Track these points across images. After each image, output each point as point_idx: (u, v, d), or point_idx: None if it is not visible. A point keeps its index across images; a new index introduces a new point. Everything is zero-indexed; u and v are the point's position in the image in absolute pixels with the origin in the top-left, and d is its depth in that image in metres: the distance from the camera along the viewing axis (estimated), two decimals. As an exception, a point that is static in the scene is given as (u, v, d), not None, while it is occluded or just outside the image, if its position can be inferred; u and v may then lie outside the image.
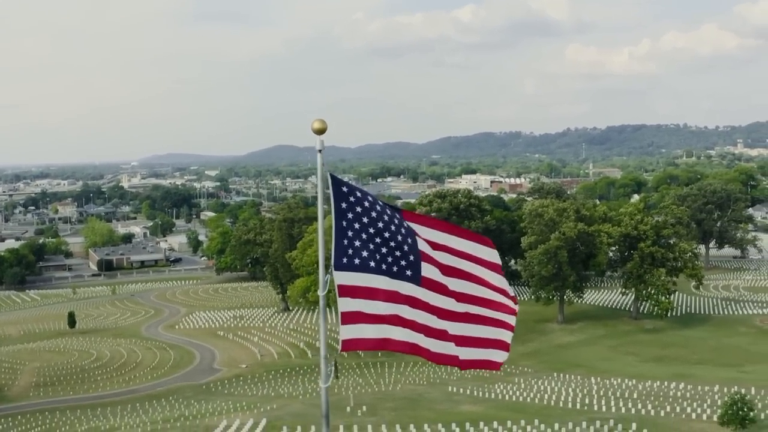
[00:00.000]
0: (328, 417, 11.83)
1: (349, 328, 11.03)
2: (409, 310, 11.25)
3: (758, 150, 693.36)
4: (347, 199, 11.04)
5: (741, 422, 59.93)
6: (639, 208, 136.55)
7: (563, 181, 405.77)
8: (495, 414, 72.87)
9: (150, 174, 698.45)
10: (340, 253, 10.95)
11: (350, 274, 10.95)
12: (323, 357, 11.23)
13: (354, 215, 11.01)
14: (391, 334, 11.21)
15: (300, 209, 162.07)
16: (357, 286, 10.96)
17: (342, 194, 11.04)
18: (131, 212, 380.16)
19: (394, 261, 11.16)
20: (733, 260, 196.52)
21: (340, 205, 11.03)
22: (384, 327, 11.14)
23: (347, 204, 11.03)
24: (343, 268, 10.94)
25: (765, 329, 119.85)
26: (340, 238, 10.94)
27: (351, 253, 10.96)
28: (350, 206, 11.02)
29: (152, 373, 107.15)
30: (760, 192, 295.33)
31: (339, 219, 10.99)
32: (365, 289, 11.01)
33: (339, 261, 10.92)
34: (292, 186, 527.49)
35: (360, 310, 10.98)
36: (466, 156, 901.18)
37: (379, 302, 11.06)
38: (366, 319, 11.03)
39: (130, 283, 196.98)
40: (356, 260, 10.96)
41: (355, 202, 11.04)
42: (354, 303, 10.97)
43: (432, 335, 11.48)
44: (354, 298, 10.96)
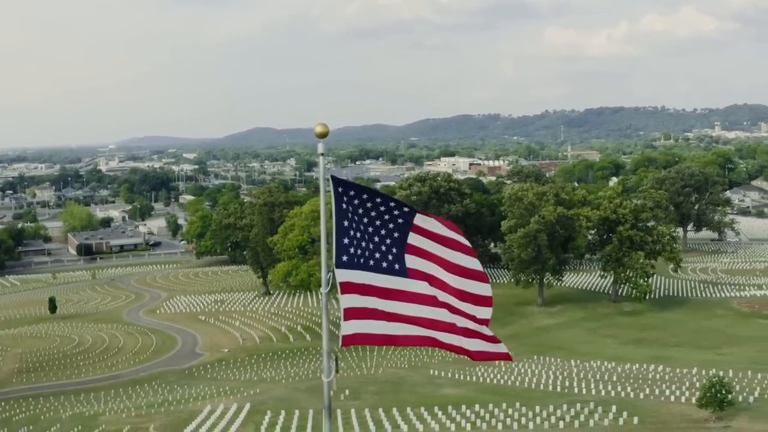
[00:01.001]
0: (330, 408, 12.18)
1: (350, 324, 11.38)
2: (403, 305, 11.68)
3: (735, 132, 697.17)
4: (348, 199, 11.33)
5: (719, 405, 60.64)
6: (618, 192, 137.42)
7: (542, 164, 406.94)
8: (477, 397, 73.43)
9: (128, 157, 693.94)
10: (340, 251, 11.25)
11: (351, 272, 11.29)
12: (326, 352, 11.58)
13: (354, 214, 11.32)
14: (389, 329, 11.64)
15: (280, 193, 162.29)
16: (357, 283, 11.32)
17: (342, 194, 11.31)
18: (109, 196, 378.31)
19: (389, 257, 11.55)
20: (710, 243, 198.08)
21: (341, 204, 11.31)
22: (382, 323, 11.55)
23: (348, 203, 11.31)
24: (344, 266, 11.27)
25: (743, 312, 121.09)
26: (340, 237, 11.24)
27: (352, 252, 11.29)
28: (350, 205, 11.31)
29: (134, 358, 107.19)
30: (737, 175, 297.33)
31: (340, 218, 11.28)
32: (365, 286, 11.38)
33: (340, 259, 11.24)
34: (270, 169, 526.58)
35: (360, 306, 11.36)
36: (445, 138, 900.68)
37: (378, 298, 11.46)
38: (366, 315, 11.42)
39: (109, 268, 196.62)
40: (356, 258, 11.31)
41: (356, 201, 11.35)
42: (354, 299, 11.33)
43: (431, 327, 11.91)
44: (354, 295, 11.33)
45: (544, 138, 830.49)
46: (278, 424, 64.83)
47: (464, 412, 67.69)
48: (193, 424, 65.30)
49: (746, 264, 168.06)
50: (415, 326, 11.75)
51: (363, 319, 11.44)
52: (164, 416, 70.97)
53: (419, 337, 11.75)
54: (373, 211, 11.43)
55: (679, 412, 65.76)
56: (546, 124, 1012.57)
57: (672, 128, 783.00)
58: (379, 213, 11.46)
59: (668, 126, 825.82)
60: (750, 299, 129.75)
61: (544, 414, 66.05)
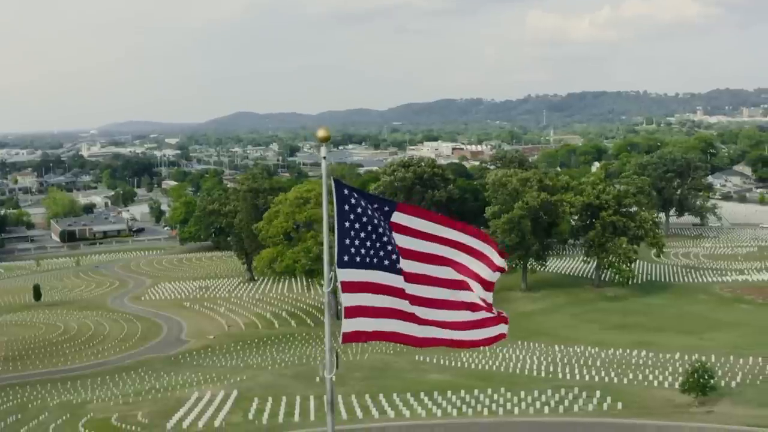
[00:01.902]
0: (333, 404, 12.62)
1: (351, 321, 11.85)
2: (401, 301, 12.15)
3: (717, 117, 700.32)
4: (349, 202, 11.75)
5: (702, 390, 61.50)
6: (601, 178, 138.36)
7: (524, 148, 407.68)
8: (462, 382, 74.05)
9: (109, 142, 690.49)
10: (342, 251, 11.71)
11: (352, 271, 11.77)
12: (328, 349, 12.02)
13: (355, 216, 11.75)
14: (388, 326, 12.12)
15: (264, 179, 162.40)
16: (358, 281, 11.81)
17: (344, 197, 11.75)
18: (92, 182, 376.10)
19: (387, 256, 11.99)
20: (692, 228, 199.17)
21: (343, 207, 11.74)
22: (381, 320, 12.04)
23: (349, 206, 11.75)
24: (345, 266, 11.74)
25: (725, 297, 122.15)
26: (342, 238, 11.70)
27: (353, 252, 11.75)
28: (351, 208, 11.74)
29: (120, 345, 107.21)
30: (719, 160, 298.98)
31: (341, 220, 11.72)
32: (365, 284, 11.87)
33: (341, 259, 11.71)
34: (253, 154, 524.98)
35: (360, 304, 11.85)
36: (428, 123, 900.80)
37: (377, 296, 11.94)
38: (366, 312, 11.90)
39: (93, 254, 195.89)
40: (357, 258, 11.77)
41: (356, 204, 11.78)
42: (355, 298, 11.82)
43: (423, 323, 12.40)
44: (355, 293, 11.81)
45: (526, 122, 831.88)
46: (266, 410, 65.32)
47: (450, 397, 68.33)
48: (181, 411, 65.69)
49: (728, 249, 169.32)
50: (412, 324, 12.28)
51: (363, 317, 11.90)
52: (152, 403, 71.29)
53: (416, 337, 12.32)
54: (372, 212, 11.85)
55: (663, 397, 66.61)
56: (528, 109, 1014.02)
57: (654, 113, 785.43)
58: (378, 215, 11.89)
59: (650, 111, 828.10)
60: (732, 284, 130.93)
61: (529, 399, 66.75)
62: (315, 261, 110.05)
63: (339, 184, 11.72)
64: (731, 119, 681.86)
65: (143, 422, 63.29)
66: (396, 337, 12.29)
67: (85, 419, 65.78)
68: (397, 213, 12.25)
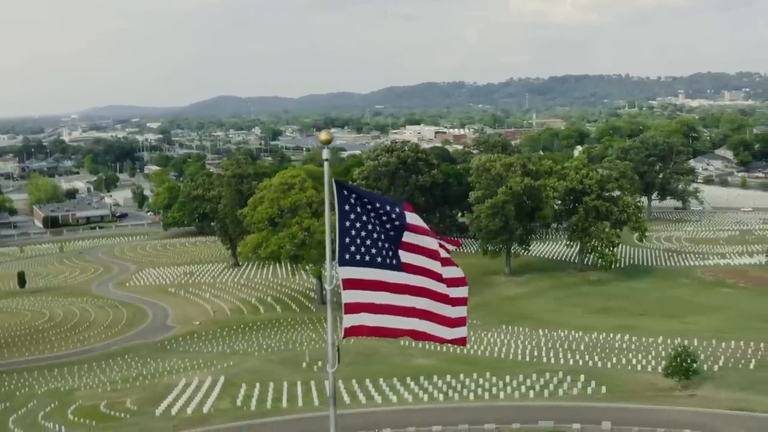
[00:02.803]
0: (335, 398, 13.07)
1: (351, 317, 12.36)
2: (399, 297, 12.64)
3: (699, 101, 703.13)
4: (349, 201, 12.20)
5: (685, 374, 62.27)
6: (584, 163, 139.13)
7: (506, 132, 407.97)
8: (448, 367, 74.63)
9: (91, 127, 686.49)
10: (343, 250, 12.19)
11: (352, 269, 12.27)
12: (330, 344, 12.53)
13: (355, 215, 12.21)
14: (387, 322, 12.64)
15: (249, 165, 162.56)
16: (358, 279, 12.31)
17: (345, 197, 12.20)
18: (73, 167, 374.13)
19: (386, 252, 12.46)
20: (674, 212, 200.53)
21: (344, 207, 12.19)
22: (380, 316, 12.55)
23: (350, 206, 12.20)
24: (347, 264, 12.24)
25: (707, 281, 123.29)
26: (343, 237, 12.17)
27: (353, 250, 12.23)
28: (352, 208, 12.20)
29: (106, 332, 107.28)
30: (701, 144, 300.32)
31: (342, 219, 12.18)
32: (365, 281, 12.38)
33: (342, 257, 12.20)
34: (235, 138, 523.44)
35: (360, 301, 12.37)
36: (410, 106, 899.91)
37: (376, 292, 12.45)
38: (365, 308, 12.42)
39: (77, 240, 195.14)
40: (357, 256, 12.26)
41: (356, 204, 12.24)
42: (355, 294, 12.33)
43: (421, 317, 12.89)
44: (355, 290, 12.32)
45: (509, 106, 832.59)
46: (254, 396, 65.75)
47: (436, 382, 68.98)
48: (169, 398, 66.03)
49: (710, 233, 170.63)
50: (409, 318, 12.76)
51: (363, 312, 12.41)
52: (140, 390, 71.66)
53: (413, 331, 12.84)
54: (372, 212, 12.32)
55: (646, 381, 67.40)
56: (511, 92, 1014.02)
57: (636, 96, 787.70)
58: (377, 214, 12.38)
59: (632, 94, 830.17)
60: (714, 268, 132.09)
61: (514, 383, 67.46)
62: (300, 247, 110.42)
63: (340, 185, 12.16)
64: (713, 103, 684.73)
65: (132, 409, 63.66)
66: (395, 332, 12.78)
67: (74, 406, 66.09)
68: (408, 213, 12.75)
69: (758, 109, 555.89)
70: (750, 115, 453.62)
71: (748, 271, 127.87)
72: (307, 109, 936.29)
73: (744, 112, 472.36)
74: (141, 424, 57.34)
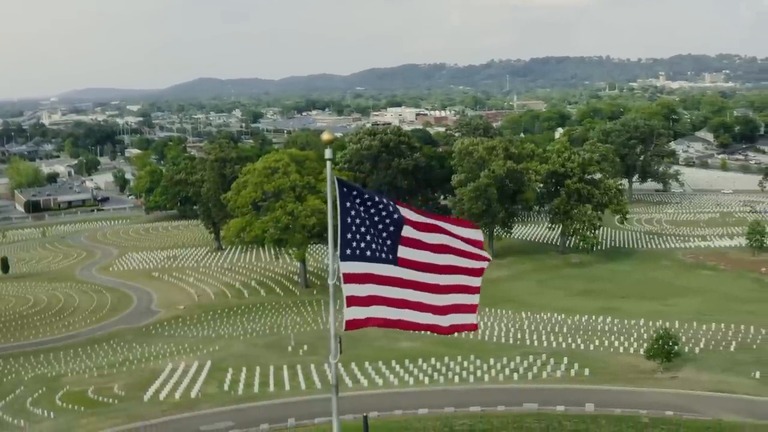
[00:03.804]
0: (337, 387, 13.61)
1: (352, 310, 12.89)
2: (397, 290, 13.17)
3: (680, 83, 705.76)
4: (351, 199, 12.72)
5: (667, 356, 63.17)
6: (566, 146, 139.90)
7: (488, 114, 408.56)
8: (432, 350, 75.24)
9: (70, 110, 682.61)
10: (345, 245, 12.72)
11: (353, 264, 12.80)
12: (333, 336, 13.04)
13: (356, 212, 12.73)
14: (386, 313, 13.18)
15: (231, 149, 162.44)
16: (358, 273, 12.85)
17: (346, 194, 12.72)
18: (54, 151, 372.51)
19: (384, 248, 12.98)
20: (655, 194, 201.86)
21: (345, 204, 12.71)
22: (380, 308, 13.09)
23: (351, 203, 12.71)
24: (348, 259, 12.77)
25: (687, 263, 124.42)
26: (345, 233, 12.71)
27: (354, 245, 12.77)
28: (353, 205, 12.72)
29: (91, 317, 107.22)
30: (681, 126, 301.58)
31: (344, 216, 12.70)
32: (365, 275, 12.93)
33: (344, 252, 12.73)
34: (216, 120, 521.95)
35: (360, 294, 12.93)
36: (391, 88, 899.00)
37: (376, 286, 12.97)
38: (366, 301, 12.95)
39: (59, 225, 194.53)
40: (358, 251, 12.80)
41: (357, 201, 12.76)
42: (356, 288, 12.87)
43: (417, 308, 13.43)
44: (356, 284, 12.85)
45: (489, 88, 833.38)
46: (240, 381, 66.20)
47: (421, 365, 69.69)
48: (157, 383, 66.41)
49: (690, 215, 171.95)
50: (407, 309, 13.31)
51: (363, 305, 12.94)
52: (127, 375, 71.95)
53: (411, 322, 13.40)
54: (372, 209, 12.83)
55: (628, 363, 68.31)
56: (491, 74, 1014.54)
57: (617, 78, 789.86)
58: (377, 210, 12.88)
59: (613, 76, 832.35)
60: (694, 250, 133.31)
61: (498, 366, 68.22)
62: (284, 231, 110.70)
63: (341, 183, 12.67)
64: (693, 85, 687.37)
65: (120, 394, 63.99)
66: (393, 323, 13.32)
67: (62, 392, 66.37)
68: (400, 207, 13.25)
69: (738, 92, 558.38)
70: (730, 97, 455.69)
71: (729, 253, 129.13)
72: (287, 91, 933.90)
73: (724, 95, 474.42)
74: (130, 410, 57.67)
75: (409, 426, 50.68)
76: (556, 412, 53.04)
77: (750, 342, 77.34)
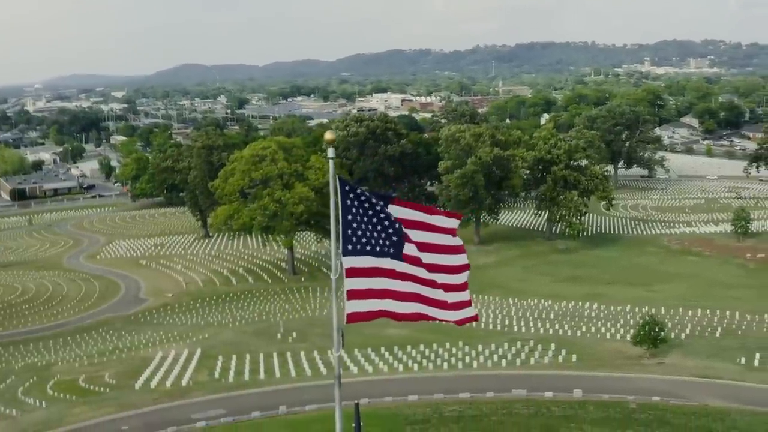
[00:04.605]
0: (340, 379, 14.05)
1: (353, 303, 13.35)
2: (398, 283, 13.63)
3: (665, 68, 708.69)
4: (352, 197, 13.17)
5: (653, 342, 63.81)
6: (552, 132, 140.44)
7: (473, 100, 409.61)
8: (421, 337, 75.52)
9: (55, 96, 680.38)
10: (347, 241, 13.20)
11: (355, 258, 13.27)
12: (336, 329, 13.50)
13: (357, 209, 13.20)
14: (386, 306, 13.66)
15: (218, 136, 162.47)
16: (359, 267, 13.34)
17: (348, 192, 13.20)
18: (39, 138, 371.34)
19: (385, 243, 13.42)
20: (640, 180, 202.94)
21: (347, 201, 13.19)
22: (380, 301, 13.55)
23: (351, 201, 13.19)
24: (350, 254, 13.24)
25: (673, 249, 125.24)
26: (346, 229, 13.20)
27: (355, 241, 13.25)
28: (354, 202, 13.17)
29: (79, 305, 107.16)
30: (666, 112, 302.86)
31: (346, 213, 13.19)
32: (366, 269, 13.42)
33: (346, 248, 13.21)
34: (201, 107, 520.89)
35: (361, 288, 13.41)
36: (376, 74, 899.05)
37: (376, 279, 13.48)
38: (366, 295, 13.46)
39: (45, 213, 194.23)
40: (359, 246, 13.29)
41: (358, 199, 13.25)
42: (357, 282, 13.36)
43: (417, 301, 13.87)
44: (357, 278, 13.33)
45: (475, 73, 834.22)
46: (231, 369, 66.46)
47: (410, 352, 70.15)
48: (147, 371, 66.60)
49: (675, 201, 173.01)
50: (406, 302, 13.77)
51: (364, 299, 13.39)
52: (117, 364, 72.12)
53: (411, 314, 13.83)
54: (371, 205, 13.24)
55: (615, 350, 68.97)
56: (477, 59, 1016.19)
57: (602, 64, 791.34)
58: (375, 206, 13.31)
59: (598, 61, 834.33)
60: (680, 236, 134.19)
61: (486, 353, 68.71)
62: (272, 218, 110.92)
63: (343, 181, 13.16)
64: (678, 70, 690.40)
65: (111, 383, 64.15)
66: (395, 316, 13.79)
67: (53, 381, 66.43)
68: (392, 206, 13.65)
69: (723, 77, 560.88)
70: (715, 83, 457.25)
71: (714, 239, 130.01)
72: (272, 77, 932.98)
73: (709, 80, 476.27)
74: (121, 398, 57.87)
75: (400, 412, 51.12)
76: (545, 398, 53.52)
77: (735, 328, 78.15)
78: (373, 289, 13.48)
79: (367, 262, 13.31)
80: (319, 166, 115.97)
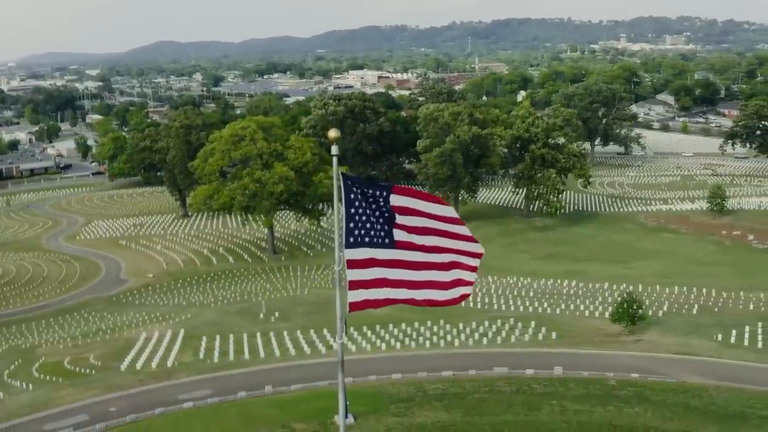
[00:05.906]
0: (343, 365, 14.77)
1: (355, 293, 14.05)
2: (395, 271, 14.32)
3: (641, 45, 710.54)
4: (353, 191, 13.86)
5: (631, 319, 64.93)
6: (530, 111, 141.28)
7: (450, 77, 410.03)
8: (402, 315, 75.96)
9: (29, 75, 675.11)
10: (348, 234, 13.88)
11: (355, 250, 13.96)
12: (339, 317, 14.21)
13: (358, 203, 13.89)
14: (385, 293, 14.40)
15: (197, 116, 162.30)
16: (360, 259, 14.05)
17: (349, 187, 13.88)
18: (13, 117, 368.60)
19: (380, 234, 14.12)
20: (617, 157, 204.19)
21: (349, 195, 13.88)
22: (380, 290, 14.27)
23: (353, 195, 13.86)
24: (351, 246, 13.93)
25: (649, 226, 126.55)
26: (348, 222, 13.91)
27: (356, 233, 13.97)
28: (355, 196, 13.85)
29: (60, 287, 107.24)
30: (642, 89, 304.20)
31: (347, 207, 13.88)
32: (365, 260, 14.13)
33: (347, 241, 13.91)
34: (176, 84, 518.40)
35: (362, 278, 14.09)
36: (352, 50, 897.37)
37: (375, 269, 14.16)
38: (366, 284, 14.14)
39: (22, 193, 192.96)
40: (360, 238, 13.98)
41: (359, 192, 13.91)
42: (358, 273, 14.05)
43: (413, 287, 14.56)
44: (358, 269, 14.01)
45: (451, 50, 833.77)
46: (215, 349, 66.90)
47: (392, 330, 70.87)
48: (132, 352, 66.97)
49: (652, 178, 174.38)
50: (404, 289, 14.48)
51: (365, 288, 14.10)
52: (102, 345, 72.40)
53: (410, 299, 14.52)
54: (371, 198, 13.92)
55: (594, 327, 70.00)
56: (453, 36, 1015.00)
57: (578, 40, 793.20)
58: (375, 198, 13.96)
59: (574, 38, 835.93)
60: (656, 213, 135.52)
61: (467, 331, 69.59)
62: (252, 198, 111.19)
63: (345, 177, 13.84)
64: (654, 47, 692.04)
65: (96, 364, 64.46)
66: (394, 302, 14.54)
67: (38, 363, 66.62)
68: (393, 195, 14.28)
69: (699, 54, 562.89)
70: (691, 60, 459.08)
71: (690, 216, 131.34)
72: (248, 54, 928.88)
73: (685, 57, 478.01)
74: (107, 380, 58.22)
75: (384, 391, 51.90)
76: (526, 376, 54.49)
77: (712, 305, 79.49)
78: (372, 279, 14.17)
79: (365, 254, 13.98)
80: (298, 145, 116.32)
